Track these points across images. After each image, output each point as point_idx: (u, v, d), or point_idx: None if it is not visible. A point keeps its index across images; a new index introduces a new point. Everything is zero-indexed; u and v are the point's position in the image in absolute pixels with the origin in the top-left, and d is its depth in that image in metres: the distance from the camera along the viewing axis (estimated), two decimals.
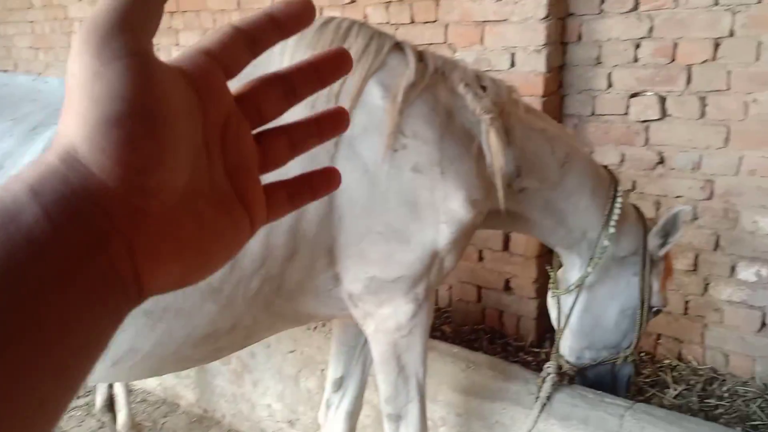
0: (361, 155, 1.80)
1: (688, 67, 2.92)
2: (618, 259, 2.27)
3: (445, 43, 3.63)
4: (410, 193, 1.83)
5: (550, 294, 2.46)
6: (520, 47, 3.16)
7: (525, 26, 3.12)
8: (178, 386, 3.90)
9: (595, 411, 2.25)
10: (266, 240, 1.74)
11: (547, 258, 3.43)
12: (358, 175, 1.80)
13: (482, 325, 3.63)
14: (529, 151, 2.04)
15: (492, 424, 2.48)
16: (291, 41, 1.90)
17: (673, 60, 2.96)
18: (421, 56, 1.97)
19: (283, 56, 1.88)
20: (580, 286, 2.28)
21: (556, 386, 2.38)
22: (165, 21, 5.04)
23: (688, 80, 2.93)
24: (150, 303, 1.53)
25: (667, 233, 2.25)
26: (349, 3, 3.97)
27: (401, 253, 1.86)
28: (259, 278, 1.76)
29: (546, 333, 3.51)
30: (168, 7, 3.78)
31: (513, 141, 2.00)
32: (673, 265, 2.38)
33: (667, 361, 3.20)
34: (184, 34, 5.05)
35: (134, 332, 1.69)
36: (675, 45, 2.94)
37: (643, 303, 2.27)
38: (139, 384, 4.13)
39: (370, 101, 1.83)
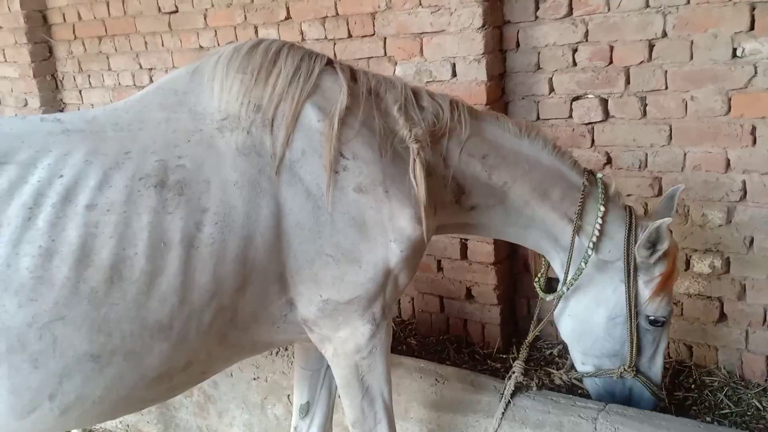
0: (303, 179, 1.80)
1: (626, 69, 3.00)
2: (602, 263, 2.22)
3: (385, 56, 3.64)
4: (356, 214, 1.83)
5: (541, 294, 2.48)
6: (459, 57, 3.19)
7: (462, 36, 3.15)
8: (140, 423, 3.78)
9: (568, 416, 2.28)
10: (215, 272, 1.70)
11: (506, 264, 3.47)
12: (301, 199, 1.79)
13: (447, 334, 3.64)
14: (468, 175, 2.09)
15: None
16: (220, 67, 1.87)
17: (611, 63, 3.03)
18: (354, 75, 1.98)
19: (213, 82, 1.85)
20: (564, 288, 2.27)
21: (520, 386, 2.42)
22: (94, 46, 4.93)
23: (627, 81, 3.01)
24: (96, 347, 1.48)
25: (653, 243, 2.17)
26: (284, 20, 3.95)
27: (353, 274, 1.86)
28: (210, 311, 1.73)
29: (512, 338, 3.54)
30: (96, 31, 3.71)
31: (451, 164, 2.05)
32: (675, 270, 2.24)
33: None
34: (115, 59, 4.94)
35: (82, 379, 1.62)
36: (611, 48, 3.01)
37: (630, 311, 2.19)
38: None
39: (307, 124, 1.83)
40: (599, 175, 2.28)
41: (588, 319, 2.27)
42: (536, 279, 2.47)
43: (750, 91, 2.75)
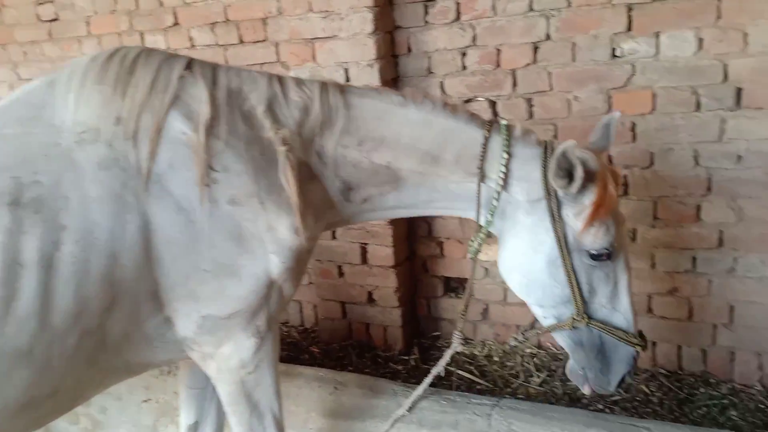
0: (173, 193, 1.72)
1: (513, 72, 3.08)
2: (529, 207, 2.02)
3: (278, 61, 3.59)
4: (232, 227, 1.77)
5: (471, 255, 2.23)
6: (352, 62, 3.19)
7: (354, 42, 3.14)
8: None
9: (464, 414, 2.29)
10: (78, 293, 1.59)
11: (406, 266, 3.48)
12: (171, 213, 1.71)
13: (350, 340, 3.62)
14: (349, 167, 2.00)
15: None
16: (76, 79, 1.77)
17: (498, 66, 3.10)
18: (214, 77, 1.88)
19: (68, 94, 1.75)
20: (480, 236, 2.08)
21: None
22: None
23: (514, 84, 3.09)
24: None
25: (567, 171, 1.92)
26: (172, 26, 3.82)
27: (233, 287, 1.79)
28: (75, 334, 1.62)
29: (413, 339, 3.55)
30: None
31: (329, 161, 1.98)
32: (606, 195, 1.97)
33: (528, 350, 3.33)
34: None
35: None
36: (498, 51, 3.08)
37: (562, 250, 1.97)
38: None
39: (173, 137, 1.75)
40: (503, 121, 2.06)
41: (530, 268, 2.05)
42: (470, 242, 2.22)
43: (629, 89, 2.88)
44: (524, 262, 2.06)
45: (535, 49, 3.01)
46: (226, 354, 1.87)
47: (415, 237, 3.55)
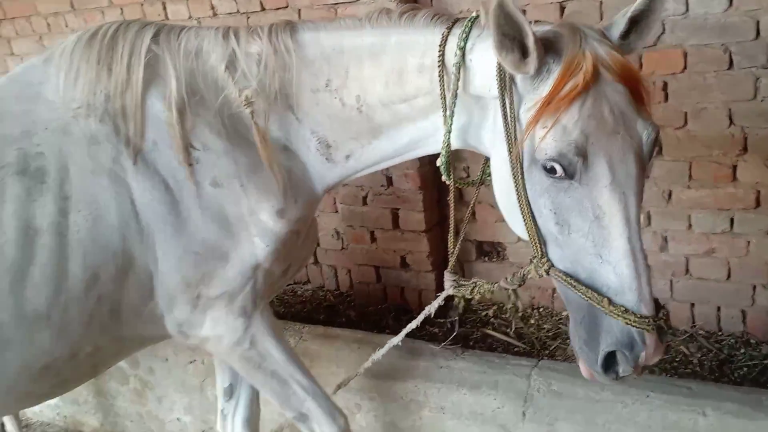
0: (159, 171, 1.74)
1: None
2: (490, 106, 1.60)
3: None
4: (217, 209, 1.77)
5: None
6: None
7: (377, 6, 3.11)
8: (77, 413, 3.69)
9: (503, 374, 2.33)
10: (85, 261, 1.66)
11: (437, 231, 3.51)
12: (160, 192, 1.73)
13: (386, 303, 3.67)
14: (323, 122, 1.83)
15: (407, 403, 2.52)
16: (65, 57, 1.81)
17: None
18: (179, 45, 1.82)
19: (60, 72, 1.79)
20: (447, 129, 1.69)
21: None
22: None
23: None
24: None
25: (513, 37, 1.41)
26: None
27: (221, 269, 1.81)
28: (89, 302, 1.69)
29: (449, 302, 3.59)
30: None
31: (301, 119, 1.82)
32: (562, 85, 1.42)
33: (565, 313, 3.36)
34: (17, 43, 4.69)
35: None
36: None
37: (513, 161, 1.51)
38: (34, 416, 3.88)
39: (154, 114, 1.76)
40: (473, 14, 1.66)
41: (498, 189, 1.65)
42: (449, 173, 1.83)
43: (659, 48, 2.80)
44: (495, 181, 1.66)
45: (562, 9, 2.96)
46: (217, 335, 1.90)
47: (446, 201, 3.57)
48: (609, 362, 1.45)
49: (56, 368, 1.74)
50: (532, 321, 3.32)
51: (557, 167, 1.42)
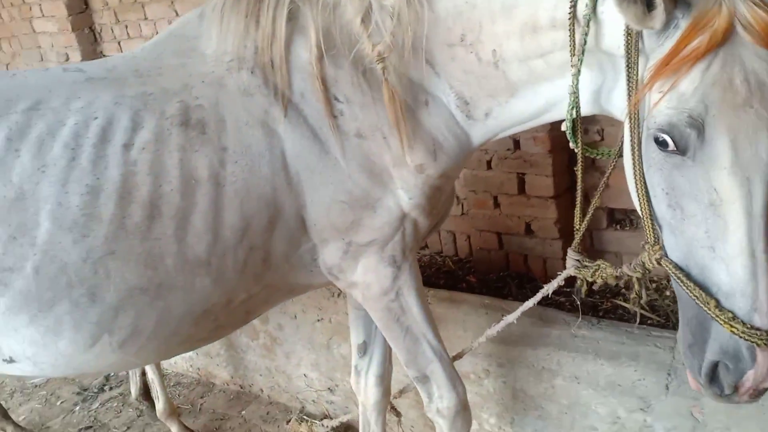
0: (308, 122, 1.77)
1: None
2: (618, 63, 1.47)
3: None
4: (362, 159, 1.79)
5: None
6: None
7: None
8: (210, 365, 3.91)
9: (644, 346, 2.24)
10: (242, 210, 1.73)
11: (567, 197, 3.40)
12: (309, 142, 1.77)
13: (508, 271, 3.60)
14: (459, 77, 1.77)
15: (539, 371, 2.47)
16: (217, 11, 1.85)
17: None
18: None
19: (211, 27, 1.85)
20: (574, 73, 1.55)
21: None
22: None
23: None
24: (145, 280, 1.53)
25: None
26: None
27: (369, 218, 1.84)
28: (243, 250, 1.77)
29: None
30: None
31: (439, 73, 1.77)
32: (687, 47, 1.25)
33: None
34: (151, 7, 4.88)
35: (135, 312, 1.70)
36: None
37: (633, 130, 1.40)
38: (170, 368, 4.14)
39: (300, 66, 1.78)
40: None
41: (626, 153, 1.48)
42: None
43: None
44: (623, 150, 1.49)
45: None
46: (367, 282, 1.94)
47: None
48: (715, 374, 1.30)
49: (214, 314, 1.84)
50: (668, 293, 3.17)
51: (668, 140, 1.25)
